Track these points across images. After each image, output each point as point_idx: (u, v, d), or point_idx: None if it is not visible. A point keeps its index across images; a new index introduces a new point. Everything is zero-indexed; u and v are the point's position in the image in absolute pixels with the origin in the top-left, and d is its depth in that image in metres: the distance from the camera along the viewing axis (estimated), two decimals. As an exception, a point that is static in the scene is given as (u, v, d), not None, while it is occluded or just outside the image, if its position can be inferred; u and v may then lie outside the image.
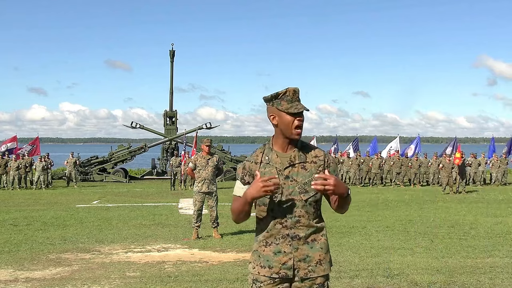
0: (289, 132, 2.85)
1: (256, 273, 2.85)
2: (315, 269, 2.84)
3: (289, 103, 2.85)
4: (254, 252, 2.90)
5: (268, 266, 2.83)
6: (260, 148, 2.99)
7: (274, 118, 2.88)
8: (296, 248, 2.81)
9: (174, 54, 34.04)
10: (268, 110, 2.92)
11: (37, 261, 7.96)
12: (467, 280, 6.55)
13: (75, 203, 17.24)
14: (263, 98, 2.95)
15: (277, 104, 2.87)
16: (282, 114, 2.85)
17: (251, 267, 2.90)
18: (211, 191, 10.06)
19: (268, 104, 2.92)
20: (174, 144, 33.12)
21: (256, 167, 2.89)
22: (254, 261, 2.88)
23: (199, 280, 6.67)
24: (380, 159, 25.80)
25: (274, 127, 2.91)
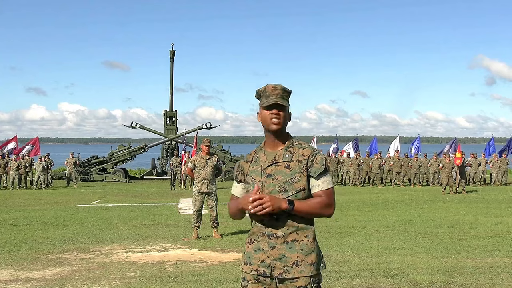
0: (268, 126, 2.90)
1: (241, 270, 2.94)
2: (290, 270, 2.79)
3: (265, 98, 2.90)
4: (246, 253, 2.95)
5: (249, 263, 2.88)
6: (257, 147, 3.08)
7: (259, 117, 2.96)
8: (272, 246, 2.82)
9: (174, 54, 34.04)
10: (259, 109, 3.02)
11: (37, 261, 7.97)
12: (467, 280, 6.55)
13: (75, 203, 17.24)
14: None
15: (260, 103, 2.94)
16: (261, 110, 2.92)
17: (240, 263, 2.99)
18: (210, 191, 10.06)
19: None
20: (174, 144, 33.12)
21: (247, 166, 2.98)
22: (242, 258, 2.98)
23: (199, 280, 6.67)
24: (380, 159, 25.80)
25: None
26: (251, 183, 2.90)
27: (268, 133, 2.92)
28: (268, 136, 2.93)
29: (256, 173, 2.90)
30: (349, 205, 16.07)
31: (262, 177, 2.87)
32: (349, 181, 26.53)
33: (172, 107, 34.14)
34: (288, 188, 2.82)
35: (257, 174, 2.90)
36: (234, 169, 3.04)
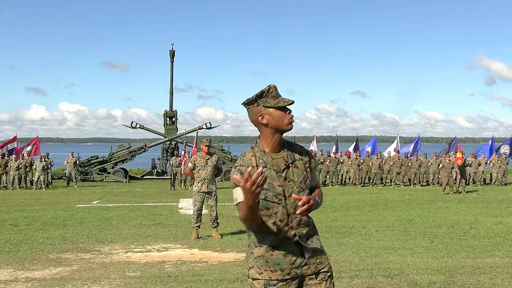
0: (283, 126, 2.86)
1: (267, 278, 2.82)
2: (322, 260, 2.91)
3: (275, 99, 2.87)
4: (258, 258, 2.85)
5: (280, 269, 2.82)
6: (248, 151, 2.93)
7: (263, 117, 2.87)
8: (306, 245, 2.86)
9: (174, 54, 34.05)
10: (253, 111, 2.90)
11: (37, 261, 7.97)
12: (467, 280, 6.55)
13: (75, 203, 17.24)
14: (245, 102, 2.91)
15: (263, 103, 2.87)
16: (272, 110, 2.86)
17: (257, 273, 2.84)
18: (210, 190, 10.07)
19: (251, 106, 2.90)
20: (174, 144, 33.13)
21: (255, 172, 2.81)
22: (261, 266, 2.84)
23: (199, 280, 6.67)
24: (380, 159, 25.81)
25: (262, 127, 2.89)
26: (269, 189, 2.82)
27: (275, 135, 2.88)
28: (275, 138, 2.89)
29: (273, 178, 2.84)
30: (349, 205, 16.07)
31: (280, 181, 2.85)
32: (349, 181, 26.53)
33: (172, 107, 34.15)
34: (304, 186, 2.88)
35: (274, 179, 2.84)
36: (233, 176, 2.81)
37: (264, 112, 2.87)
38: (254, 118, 2.91)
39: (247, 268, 2.93)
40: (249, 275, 2.90)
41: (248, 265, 2.92)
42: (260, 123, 2.88)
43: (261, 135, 2.92)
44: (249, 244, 2.95)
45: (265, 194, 2.82)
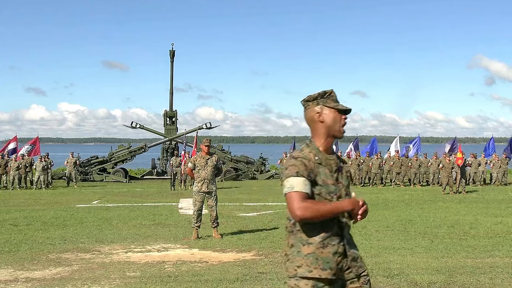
0: (336, 130, 2.98)
1: (316, 276, 2.82)
2: (361, 265, 2.99)
3: (335, 102, 2.99)
4: (308, 256, 2.85)
5: (329, 268, 2.85)
6: (305, 146, 2.99)
7: (320, 115, 2.97)
8: (347, 248, 2.94)
9: (174, 54, 34.06)
10: (311, 109, 3.00)
11: (37, 261, 7.97)
12: (467, 280, 6.56)
13: (75, 203, 17.24)
14: (306, 98, 3.03)
15: (323, 103, 2.98)
16: (331, 111, 2.97)
17: (307, 271, 2.84)
18: (210, 190, 10.06)
19: (311, 103, 3.01)
20: (174, 144, 33.13)
21: (315, 165, 2.89)
22: (311, 264, 2.84)
23: (199, 280, 6.67)
24: (380, 159, 25.81)
25: (318, 125, 2.99)
26: (323, 185, 2.88)
27: (329, 138, 2.99)
28: (328, 140, 2.99)
29: (327, 176, 2.91)
30: (349, 205, 16.05)
31: (333, 181, 2.93)
32: (349, 181, 26.49)
33: (172, 107, 34.16)
34: (348, 191, 3.00)
35: (328, 177, 2.91)
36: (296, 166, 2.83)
37: (322, 111, 2.98)
38: (311, 115, 3.01)
39: (294, 268, 2.88)
40: (296, 274, 2.87)
41: (294, 265, 2.88)
42: (317, 120, 2.98)
43: (315, 134, 3.01)
44: (292, 244, 2.91)
45: (319, 190, 2.88)
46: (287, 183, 2.83)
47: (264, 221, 12.40)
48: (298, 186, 2.79)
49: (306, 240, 2.87)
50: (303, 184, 2.81)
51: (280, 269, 7.21)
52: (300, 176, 2.82)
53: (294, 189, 2.79)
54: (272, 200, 17.89)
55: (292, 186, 2.81)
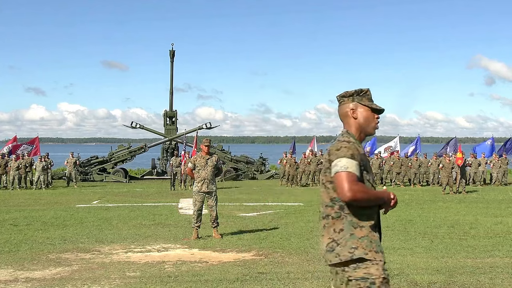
0: (369, 127, 3.10)
1: (372, 258, 2.89)
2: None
3: (370, 101, 3.10)
4: (363, 238, 2.91)
5: (381, 251, 2.96)
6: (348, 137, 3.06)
7: (355, 112, 3.08)
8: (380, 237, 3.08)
9: (174, 54, 34.06)
10: (346, 105, 3.11)
11: (37, 261, 7.97)
12: (467, 280, 6.56)
13: (75, 203, 17.24)
14: (342, 94, 3.13)
15: (358, 100, 3.09)
16: (365, 108, 3.09)
17: (363, 253, 2.89)
18: (210, 190, 10.06)
19: (346, 99, 3.11)
20: (174, 144, 33.14)
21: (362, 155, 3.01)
22: (366, 247, 2.91)
23: (199, 280, 6.67)
24: (380, 159, 25.81)
25: (351, 121, 3.10)
26: (368, 173, 3.02)
27: (361, 135, 3.11)
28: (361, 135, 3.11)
29: (368, 166, 3.06)
30: (349, 205, 16.06)
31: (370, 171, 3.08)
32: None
33: (172, 107, 34.17)
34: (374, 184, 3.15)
35: (368, 167, 3.06)
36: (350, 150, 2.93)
37: (357, 108, 3.09)
38: (344, 110, 3.12)
39: (348, 251, 2.90)
40: (353, 256, 2.88)
41: (347, 248, 2.90)
42: (350, 116, 3.09)
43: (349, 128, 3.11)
44: (342, 228, 2.93)
45: (368, 177, 3.02)
46: (339, 162, 2.88)
47: (264, 221, 12.40)
48: (352, 168, 2.87)
49: (357, 223, 2.93)
50: (356, 166, 2.90)
51: (280, 269, 7.21)
52: (353, 159, 2.90)
53: (348, 169, 2.86)
54: (272, 200, 17.89)
55: (346, 166, 2.87)
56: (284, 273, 7.00)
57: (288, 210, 14.87)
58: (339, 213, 2.94)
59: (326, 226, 2.99)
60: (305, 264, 7.55)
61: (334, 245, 2.94)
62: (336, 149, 2.95)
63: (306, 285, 6.37)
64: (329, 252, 2.96)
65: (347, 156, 2.89)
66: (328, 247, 2.97)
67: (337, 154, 2.91)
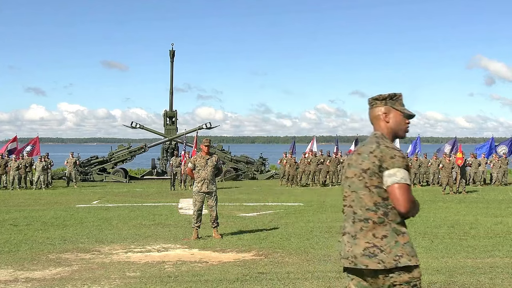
0: (400, 131, 3.12)
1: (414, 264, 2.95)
2: None
3: (402, 106, 3.13)
4: (406, 245, 2.95)
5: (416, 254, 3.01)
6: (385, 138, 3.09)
7: (387, 116, 3.10)
8: None
9: (174, 54, 34.06)
10: (378, 108, 3.14)
11: (37, 261, 7.97)
12: (467, 280, 6.56)
13: (75, 203, 17.24)
14: (375, 97, 3.16)
15: (391, 104, 3.12)
16: (397, 113, 3.12)
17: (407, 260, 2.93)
18: (210, 191, 10.06)
19: (378, 103, 3.14)
20: (174, 144, 33.14)
21: None
22: (409, 252, 2.95)
23: (199, 280, 6.67)
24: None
25: (382, 124, 3.12)
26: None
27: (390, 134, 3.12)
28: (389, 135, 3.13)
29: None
30: (349, 205, 16.06)
31: None
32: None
33: (172, 107, 34.17)
34: None
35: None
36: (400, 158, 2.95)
37: (389, 112, 3.11)
38: (376, 114, 3.14)
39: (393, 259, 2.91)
40: (398, 264, 2.91)
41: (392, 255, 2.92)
42: (383, 120, 3.11)
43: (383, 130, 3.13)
44: (385, 235, 2.94)
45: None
46: (398, 173, 2.91)
47: (264, 221, 12.40)
48: (408, 180, 2.94)
49: (399, 229, 2.97)
50: (409, 178, 2.97)
51: (280, 269, 7.21)
52: (407, 170, 2.96)
53: (407, 181, 2.92)
54: (272, 200, 17.89)
55: (405, 178, 2.92)
56: (284, 273, 7.00)
57: (288, 210, 14.87)
58: (382, 219, 2.94)
59: (364, 230, 2.97)
60: (305, 264, 7.55)
61: (377, 251, 2.93)
62: (391, 156, 2.94)
63: (306, 285, 6.37)
64: (368, 257, 2.94)
65: (404, 167, 2.94)
66: (368, 252, 2.95)
67: (393, 163, 2.93)
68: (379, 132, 3.12)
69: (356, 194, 3.03)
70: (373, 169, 2.97)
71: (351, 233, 3.03)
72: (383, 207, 2.95)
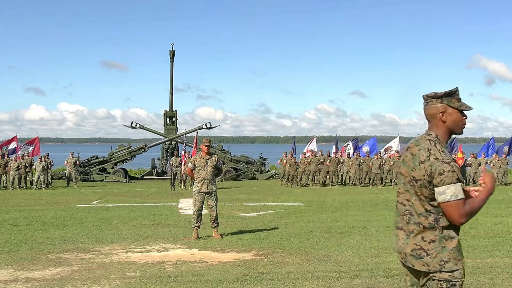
0: (457, 129, 3.06)
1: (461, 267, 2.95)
2: None
3: (459, 102, 3.04)
4: (454, 249, 2.95)
5: (463, 256, 3.00)
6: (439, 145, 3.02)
7: (443, 115, 3.03)
8: None
9: (174, 54, 34.07)
10: (434, 106, 3.05)
11: (37, 261, 7.97)
12: (467, 280, 6.54)
13: (75, 203, 17.24)
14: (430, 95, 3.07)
15: (447, 102, 3.03)
16: (453, 111, 3.03)
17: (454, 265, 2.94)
18: (210, 191, 10.06)
19: (434, 101, 3.05)
20: (174, 144, 33.15)
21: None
22: (456, 257, 2.96)
23: (199, 280, 6.67)
24: (380, 159, 25.81)
25: (439, 123, 3.05)
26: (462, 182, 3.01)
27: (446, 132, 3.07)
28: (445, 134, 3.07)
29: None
30: (349, 205, 16.07)
31: None
32: (349, 181, 26.55)
33: (172, 107, 34.18)
34: None
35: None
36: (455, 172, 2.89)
37: (445, 111, 3.03)
38: (432, 112, 3.06)
39: (438, 263, 2.94)
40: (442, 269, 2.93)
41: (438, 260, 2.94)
42: (439, 119, 3.04)
43: (437, 130, 3.07)
44: (433, 240, 2.96)
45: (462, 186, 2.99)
46: (448, 191, 2.87)
47: (264, 221, 12.40)
48: (460, 194, 2.88)
49: (449, 235, 2.96)
50: (461, 189, 2.90)
51: (280, 269, 7.21)
52: (458, 182, 2.89)
53: (458, 197, 2.87)
54: (272, 200, 17.89)
55: (456, 194, 2.87)
56: (284, 273, 7.00)
57: (288, 210, 14.87)
58: (433, 225, 2.97)
59: (415, 232, 3.01)
60: (305, 264, 7.55)
61: (423, 254, 2.97)
62: (439, 173, 2.89)
63: (306, 285, 6.38)
64: (415, 258, 3.00)
65: (453, 182, 2.88)
66: (415, 253, 3.00)
67: (442, 181, 2.88)
68: (434, 133, 3.05)
69: (410, 197, 3.06)
70: (423, 182, 2.96)
71: (406, 232, 3.07)
72: (435, 214, 2.96)
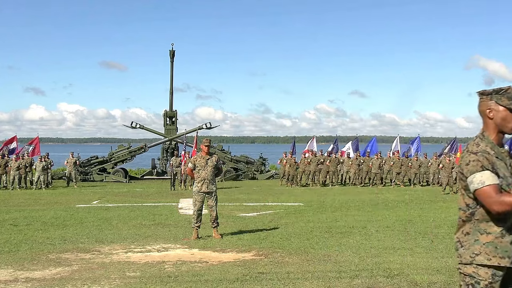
0: (506, 128, 3.03)
1: (495, 264, 2.93)
2: None
3: (509, 100, 3.01)
4: (488, 244, 2.95)
5: (508, 256, 2.95)
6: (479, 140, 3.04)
7: (491, 112, 3.03)
8: None
9: (174, 54, 34.07)
10: (484, 103, 3.07)
11: (37, 261, 7.96)
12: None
13: (75, 203, 17.24)
14: (481, 91, 3.08)
15: (496, 99, 3.02)
16: (501, 109, 3.02)
17: (486, 259, 2.94)
18: (210, 191, 10.06)
19: (484, 98, 3.06)
20: (174, 144, 33.15)
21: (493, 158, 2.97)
22: (490, 252, 2.95)
23: (199, 280, 6.67)
24: (380, 159, 25.81)
25: (488, 120, 3.06)
26: (503, 178, 2.96)
27: (499, 133, 3.06)
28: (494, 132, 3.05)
29: (504, 169, 3.00)
30: (349, 205, 16.08)
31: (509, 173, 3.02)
32: (349, 181, 26.56)
33: (172, 107, 34.18)
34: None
35: (505, 169, 3.00)
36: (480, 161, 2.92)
37: (494, 108, 3.03)
38: (482, 109, 3.08)
39: (470, 255, 2.98)
40: (473, 261, 2.96)
41: (470, 252, 2.98)
42: (487, 116, 3.05)
43: (487, 128, 3.08)
44: (468, 232, 3.02)
45: (500, 181, 2.95)
46: (474, 179, 2.92)
47: (264, 221, 12.40)
48: (488, 180, 2.90)
49: (485, 229, 2.98)
50: (491, 176, 2.91)
51: (280, 269, 7.21)
52: (485, 170, 2.91)
53: (485, 183, 2.89)
54: (272, 200, 17.89)
55: (482, 181, 2.90)
56: (284, 273, 7.00)
57: (288, 210, 14.87)
58: (469, 218, 3.03)
59: (458, 226, 3.12)
60: (305, 264, 7.55)
61: (459, 245, 3.07)
62: (466, 163, 2.97)
63: (306, 285, 6.38)
64: (455, 250, 3.12)
65: (478, 170, 2.92)
66: (455, 246, 3.12)
67: (468, 170, 2.95)
68: (482, 130, 3.11)
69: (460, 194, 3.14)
70: (460, 175, 3.06)
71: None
72: (472, 208, 3.01)
